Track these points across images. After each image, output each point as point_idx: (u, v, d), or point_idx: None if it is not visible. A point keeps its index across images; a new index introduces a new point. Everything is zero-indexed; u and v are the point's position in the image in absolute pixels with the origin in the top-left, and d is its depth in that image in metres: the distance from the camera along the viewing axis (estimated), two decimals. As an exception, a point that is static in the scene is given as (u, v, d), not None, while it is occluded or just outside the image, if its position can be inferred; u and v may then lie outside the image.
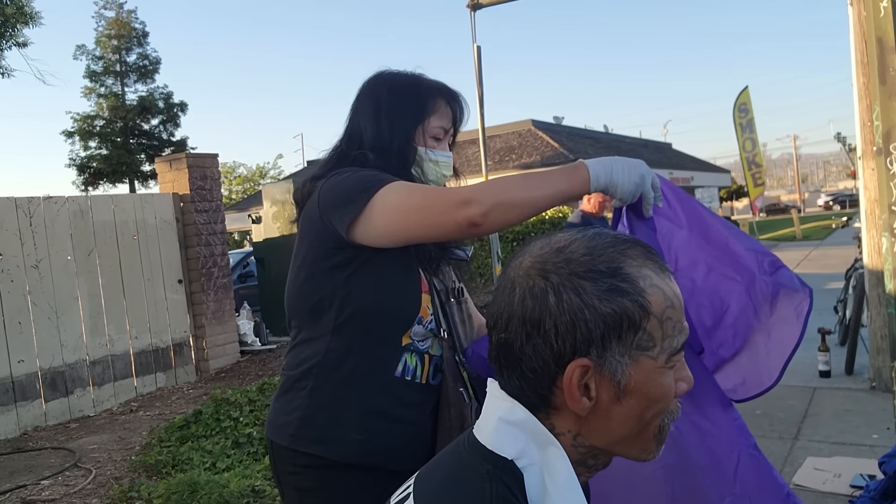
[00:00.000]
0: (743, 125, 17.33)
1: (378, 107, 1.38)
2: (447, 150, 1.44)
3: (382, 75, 1.43)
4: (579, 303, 0.72)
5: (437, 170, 1.41)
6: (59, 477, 3.77)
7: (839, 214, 33.91)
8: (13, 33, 10.76)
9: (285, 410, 1.33)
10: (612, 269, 0.73)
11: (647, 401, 0.73)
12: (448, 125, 1.42)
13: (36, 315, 5.00)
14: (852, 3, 4.40)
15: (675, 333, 0.74)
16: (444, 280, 1.42)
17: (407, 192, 1.24)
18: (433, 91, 1.41)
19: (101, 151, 23.06)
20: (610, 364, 0.72)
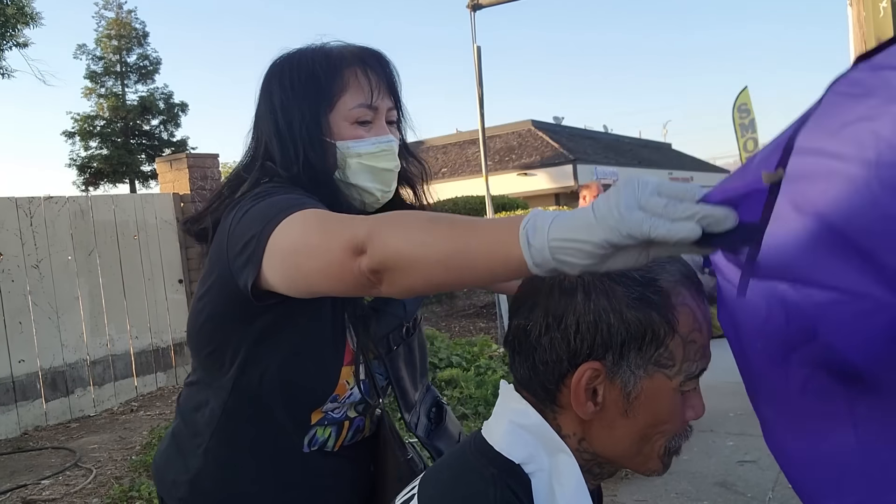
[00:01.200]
0: (745, 125, 17.31)
1: (273, 106, 1.05)
2: (385, 132, 1.06)
3: (274, 64, 1.09)
4: (607, 305, 0.70)
5: (369, 164, 1.04)
6: (59, 477, 3.77)
7: (839, 214, 33.86)
8: (13, 34, 10.77)
9: (175, 466, 1.11)
10: (646, 279, 0.71)
11: (653, 418, 0.72)
12: (374, 99, 1.04)
13: (36, 315, 5.00)
14: (852, 4, 4.40)
15: (696, 358, 0.72)
16: (386, 324, 1.09)
17: (304, 227, 0.85)
18: (335, 62, 1.04)
19: (101, 151, 23.08)
20: (623, 373, 0.71)
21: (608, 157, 25.91)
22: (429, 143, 28.25)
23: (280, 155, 1.04)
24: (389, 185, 1.07)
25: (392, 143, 1.06)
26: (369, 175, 1.05)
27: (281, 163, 1.03)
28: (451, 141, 27.35)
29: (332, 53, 1.05)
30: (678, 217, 0.54)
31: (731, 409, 4.32)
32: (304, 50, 1.07)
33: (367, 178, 1.05)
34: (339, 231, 0.79)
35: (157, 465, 1.17)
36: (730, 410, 4.30)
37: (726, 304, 0.76)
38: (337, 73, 1.03)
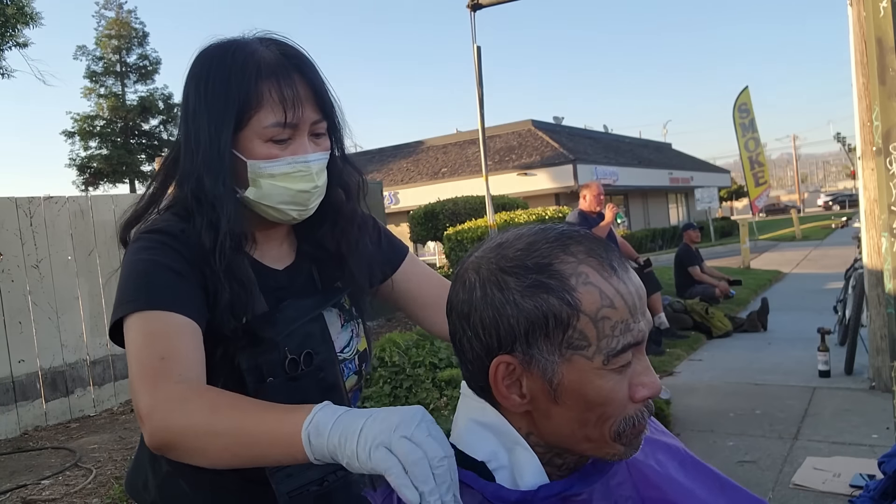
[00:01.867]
0: (745, 125, 17.33)
1: (186, 112, 0.99)
2: (306, 150, 0.99)
3: (199, 57, 1.01)
4: (501, 298, 0.71)
5: (282, 185, 0.98)
6: (59, 477, 3.77)
7: (839, 214, 33.90)
8: (13, 34, 10.78)
9: (143, 467, 1.12)
10: (539, 266, 0.70)
11: (585, 402, 0.70)
12: (290, 118, 0.96)
13: (36, 315, 5.00)
14: (852, 4, 4.40)
15: (615, 334, 0.69)
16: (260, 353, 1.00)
17: (127, 345, 0.90)
18: (250, 74, 0.96)
19: (101, 151, 23.12)
20: (539, 362, 0.70)
21: (608, 157, 25.90)
22: (429, 143, 28.24)
23: (182, 165, 1.01)
24: (307, 204, 1.02)
25: (309, 163, 0.99)
26: (284, 195, 0.99)
27: (181, 174, 1.01)
28: (451, 141, 27.35)
29: (249, 63, 0.96)
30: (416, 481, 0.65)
31: (731, 409, 4.32)
32: (226, 49, 0.99)
33: (281, 198, 1.00)
34: (139, 370, 0.86)
35: (128, 476, 1.17)
36: (730, 410, 4.30)
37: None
38: (251, 86, 0.95)
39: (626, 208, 27.44)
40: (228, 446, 0.78)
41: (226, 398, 0.83)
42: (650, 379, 0.72)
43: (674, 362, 5.66)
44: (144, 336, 0.89)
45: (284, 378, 1.00)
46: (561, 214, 11.27)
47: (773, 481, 3.21)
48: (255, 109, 0.96)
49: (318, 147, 1.02)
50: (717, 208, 31.84)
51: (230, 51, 0.98)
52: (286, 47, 1.01)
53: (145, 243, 0.97)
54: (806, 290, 9.55)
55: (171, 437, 0.81)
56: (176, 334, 0.89)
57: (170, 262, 0.94)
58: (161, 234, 0.98)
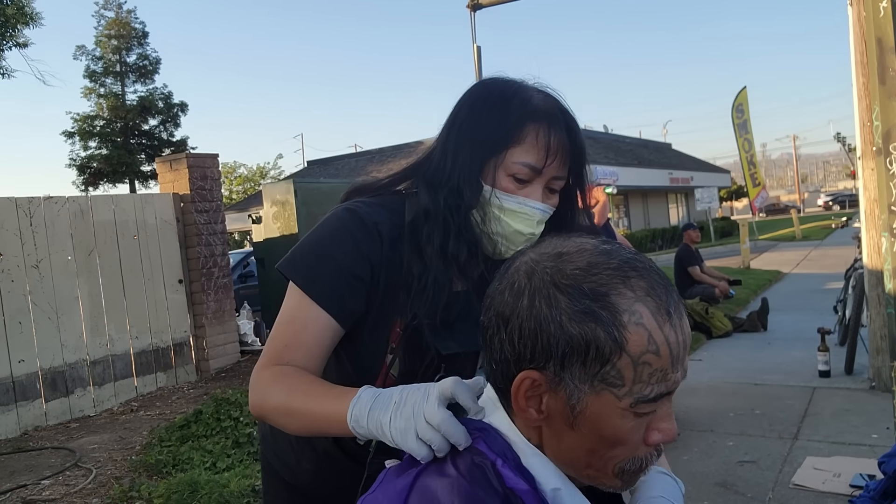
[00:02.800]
0: (740, 125, 17.35)
1: (451, 127, 1.08)
2: (538, 197, 1.04)
3: (480, 85, 1.10)
4: (547, 314, 0.68)
5: (504, 220, 1.04)
6: (59, 477, 3.77)
7: (839, 214, 33.91)
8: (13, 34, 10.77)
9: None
10: (596, 293, 0.68)
11: (599, 438, 0.69)
12: (539, 162, 1.02)
13: (36, 315, 5.00)
14: (852, 4, 4.40)
15: (650, 381, 0.67)
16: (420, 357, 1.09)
17: (283, 304, 1.07)
18: (525, 112, 1.02)
19: (101, 151, 23.09)
20: (567, 386, 0.69)
21: (608, 157, 25.89)
22: (429, 143, 28.20)
23: (435, 169, 1.08)
24: (516, 245, 1.06)
25: (537, 211, 1.04)
26: (502, 229, 1.05)
27: (432, 175, 1.08)
28: (451, 141, 27.30)
29: (526, 103, 1.03)
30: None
31: (731, 409, 4.32)
32: (507, 85, 1.06)
33: (498, 230, 1.06)
34: (274, 335, 1.05)
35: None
36: (730, 410, 4.30)
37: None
38: (520, 122, 1.02)
39: (627, 208, 27.44)
40: (301, 424, 0.97)
41: (300, 383, 0.98)
42: (668, 426, 0.71)
43: (674, 362, 5.65)
44: (290, 317, 1.05)
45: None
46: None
47: (773, 481, 3.20)
48: (515, 144, 1.02)
49: (548, 200, 1.07)
50: (717, 208, 31.84)
51: (511, 87, 1.06)
52: (558, 101, 1.06)
53: (339, 223, 1.07)
54: (806, 290, 9.55)
55: (259, 413, 1.02)
56: (311, 329, 1.04)
57: (344, 255, 1.05)
58: (355, 218, 1.07)
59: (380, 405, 0.85)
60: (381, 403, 0.85)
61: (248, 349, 6.89)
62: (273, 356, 1.03)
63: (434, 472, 0.74)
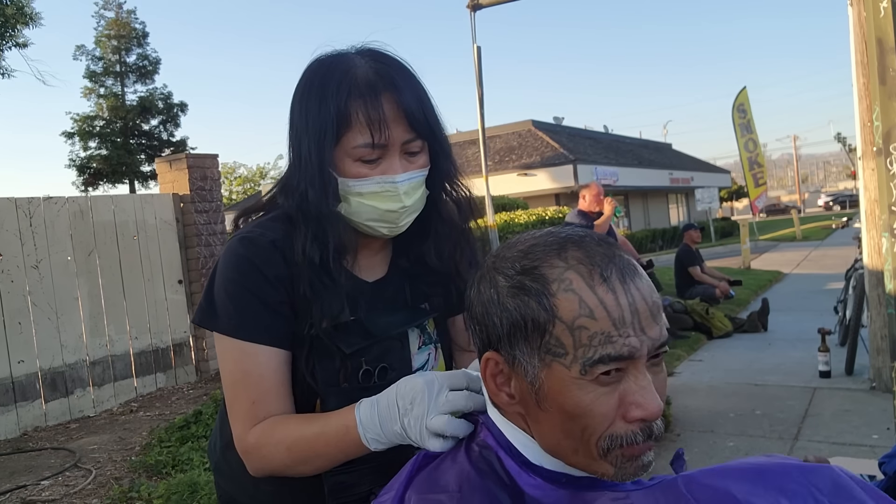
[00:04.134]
0: (742, 126, 17.33)
1: (292, 128, 1.03)
2: (396, 169, 0.99)
3: (305, 70, 1.04)
4: (489, 296, 0.73)
5: (370, 204, 1.01)
6: (59, 477, 3.76)
7: (839, 215, 33.90)
8: (13, 34, 10.77)
9: (217, 431, 1.23)
10: (527, 268, 0.71)
11: (565, 413, 0.69)
12: (378, 139, 0.97)
13: (36, 315, 5.00)
14: (852, 4, 4.40)
15: (592, 344, 0.67)
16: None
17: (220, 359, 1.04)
18: (343, 93, 0.97)
19: (100, 152, 23.09)
20: (521, 364, 0.71)
21: (608, 157, 25.90)
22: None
23: (288, 174, 1.05)
24: (396, 222, 1.03)
25: (397, 184, 0.99)
26: (372, 213, 1.02)
27: (286, 181, 1.06)
28: (452, 141, 27.00)
29: (343, 81, 0.97)
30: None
31: (731, 410, 4.31)
32: (326, 65, 1.01)
33: (369, 216, 1.02)
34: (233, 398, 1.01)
35: (210, 437, 1.29)
36: (730, 411, 4.30)
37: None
38: (342, 106, 0.97)
39: (627, 208, 27.43)
40: (315, 467, 0.98)
41: (292, 432, 0.97)
42: (646, 399, 0.68)
43: (674, 363, 5.66)
44: (241, 372, 1.01)
45: (357, 387, 1.03)
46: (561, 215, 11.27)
47: (774, 482, 3.20)
48: (346, 129, 0.97)
49: (412, 165, 1.02)
50: (718, 209, 31.83)
51: (329, 66, 1.00)
52: (382, 64, 1.00)
53: (239, 259, 1.03)
54: (806, 291, 9.54)
55: (271, 473, 1.00)
56: (267, 375, 1.01)
57: (257, 289, 1.01)
58: (250, 245, 1.03)
59: (386, 416, 0.89)
60: (386, 414, 0.89)
61: (247, 349, 6.89)
62: (248, 417, 1.00)
63: (445, 459, 0.79)
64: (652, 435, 0.70)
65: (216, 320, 1.03)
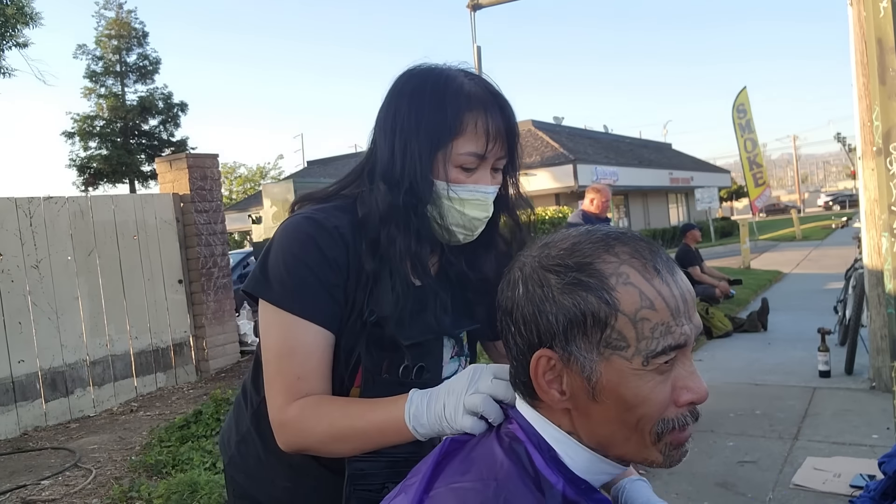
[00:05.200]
0: (742, 126, 17.34)
1: (394, 124, 1.07)
2: (487, 181, 1.06)
3: (409, 76, 1.09)
4: (541, 294, 0.72)
5: (461, 211, 1.06)
6: (59, 477, 3.77)
7: (839, 214, 33.90)
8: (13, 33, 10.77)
9: (231, 424, 1.25)
10: (580, 264, 0.71)
11: (623, 403, 0.70)
12: (482, 149, 1.03)
13: (36, 315, 5.00)
14: (852, 4, 4.40)
15: (654, 336, 0.69)
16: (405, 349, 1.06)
17: (265, 331, 1.05)
18: (460, 103, 1.03)
19: (101, 152, 23.07)
20: (577, 359, 0.71)
21: (608, 157, 25.89)
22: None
23: (386, 172, 1.07)
24: (474, 230, 1.09)
25: (488, 195, 1.06)
26: (458, 219, 1.07)
27: (383, 174, 1.07)
28: (451, 141, 27.27)
29: (460, 92, 1.04)
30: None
31: (732, 410, 4.32)
32: (437, 75, 1.06)
33: (454, 220, 1.07)
34: (276, 372, 1.02)
35: (221, 430, 1.28)
36: (730, 411, 4.30)
37: None
38: (459, 114, 1.02)
39: (627, 208, 27.44)
40: (352, 447, 0.98)
41: (337, 409, 0.99)
42: (696, 384, 0.72)
43: (674, 362, 5.65)
44: (288, 347, 1.02)
45: (395, 380, 1.06)
46: (561, 214, 11.27)
47: (774, 481, 3.20)
48: (457, 136, 1.03)
49: (495, 181, 1.08)
50: (718, 208, 31.83)
51: (441, 77, 1.06)
52: (486, 84, 1.07)
53: (303, 235, 1.04)
54: (806, 291, 9.54)
55: (302, 448, 1.01)
56: (314, 353, 1.02)
57: (316, 266, 1.03)
58: (316, 225, 1.05)
59: (433, 400, 0.91)
60: (434, 399, 0.91)
61: (248, 349, 6.89)
62: (291, 391, 1.01)
63: (476, 448, 0.80)
64: (697, 417, 0.74)
65: (270, 290, 1.03)
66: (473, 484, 0.73)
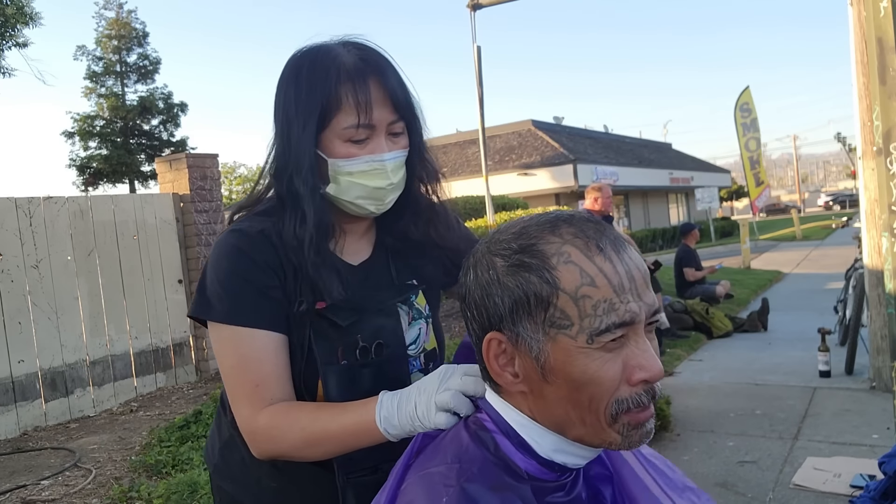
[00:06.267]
0: (746, 125, 17.33)
1: (278, 112, 1.08)
2: (383, 149, 1.05)
3: (291, 60, 1.08)
4: (488, 278, 0.74)
5: (360, 182, 1.05)
6: (59, 477, 3.77)
7: (839, 214, 33.90)
8: (13, 33, 10.77)
9: (213, 433, 1.24)
10: (524, 246, 0.72)
11: (571, 382, 0.70)
12: (363, 119, 1.02)
13: (36, 315, 5.00)
14: (852, 4, 4.40)
15: (597, 313, 0.69)
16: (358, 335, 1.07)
17: (217, 350, 1.05)
18: (332, 77, 1.02)
19: (101, 152, 23.06)
20: (525, 340, 0.72)
21: (608, 157, 25.89)
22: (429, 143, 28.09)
23: (276, 158, 1.08)
24: (383, 199, 1.08)
25: (384, 162, 1.05)
26: (361, 191, 1.06)
27: (275, 165, 1.08)
28: (451, 141, 27.33)
29: (331, 68, 1.03)
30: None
31: (732, 410, 4.31)
32: (312, 54, 1.06)
33: (358, 194, 1.06)
34: (235, 378, 1.02)
35: (206, 442, 1.29)
36: (730, 411, 4.30)
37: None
38: (331, 90, 1.02)
39: (627, 208, 27.44)
40: (325, 451, 0.99)
41: (308, 414, 0.99)
42: (648, 361, 0.70)
43: (674, 362, 5.66)
44: (239, 358, 1.03)
45: (355, 363, 1.07)
46: (561, 214, 11.26)
47: (774, 481, 3.20)
48: (336, 112, 1.02)
49: (396, 146, 1.08)
50: (718, 208, 31.83)
51: (315, 55, 1.05)
52: (366, 52, 1.06)
53: (230, 248, 1.06)
54: (806, 291, 9.54)
55: (275, 455, 1.01)
56: (266, 358, 1.02)
57: (248, 274, 1.04)
58: (241, 236, 1.06)
59: (405, 401, 0.92)
60: (405, 399, 0.92)
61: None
62: (254, 400, 1.02)
63: (444, 437, 0.82)
64: (655, 396, 0.73)
65: (211, 310, 1.04)
66: (438, 468, 0.75)
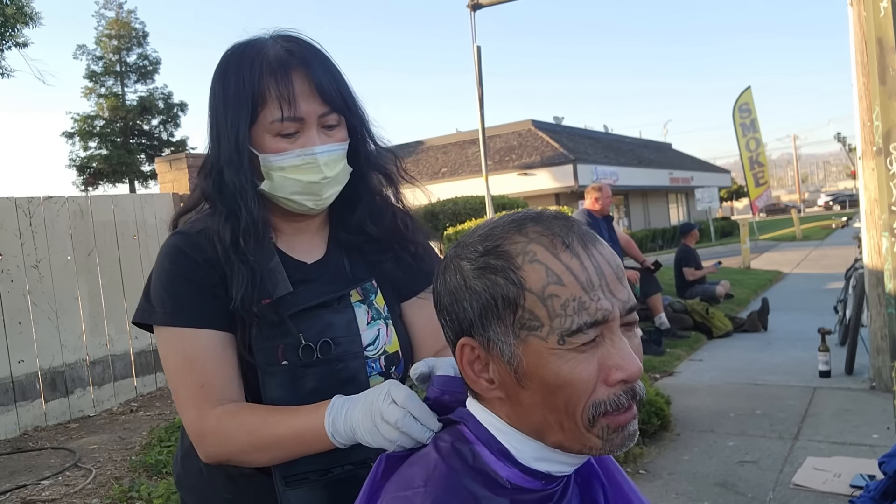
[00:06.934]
0: (746, 125, 17.32)
1: (210, 112, 1.06)
2: (314, 142, 1.01)
3: (221, 58, 1.06)
4: (456, 283, 0.72)
5: (293, 177, 1.02)
6: (59, 477, 3.76)
7: (839, 214, 33.91)
8: (13, 33, 10.76)
9: (179, 440, 1.22)
10: (489, 248, 0.70)
11: (545, 386, 0.67)
12: (287, 113, 0.99)
13: (36, 315, 5.00)
14: (852, 4, 4.40)
15: (567, 312, 0.66)
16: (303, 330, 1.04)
17: (162, 354, 1.04)
18: (256, 71, 1.00)
19: (101, 152, 23.09)
20: (496, 344, 0.69)
21: (608, 157, 25.88)
22: (429, 143, 28.24)
23: (212, 160, 1.07)
24: (320, 194, 1.04)
25: (316, 156, 1.01)
26: (295, 187, 1.03)
27: (208, 165, 1.08)
28: (451, 141, 27.33)
29: (255, 62, 1.00)
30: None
31: (732, 410, 4.31)
32: (240, 49, 1.04)
33: (293, 189, 1.03)
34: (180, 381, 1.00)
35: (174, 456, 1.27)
36: (730, 410, 4.30)
37: None
38: (256, 85, 0.99)
39: (627, 208, 27.44)
40: (273, 456, 0.96)
41: (257, 417, 0.97)
42: (625, 360, 0.67)
43: (674, 362, 5.65)
44: (183, 359, 1.01)
45: (298, 364, 1.02)
46: (561, 214, 11.24)
47: (774, 481, 3.20)
48: (262, 106, 1.00)
49: (330, 139, 1.04)
50: (718, 208, 31.83)
51: (243, 50, 1.03)
52: (294, 44, 1.03)
53: (170, 249, 1.06)
54: (806, 290, 9.54)
55: (222, 459, 0.99)
56: (210, 357, 1.00)
57: (189, 273, 1.03)
58: (182, 236, 1.06)
59: (351, 408, 0.89)
60: (352, 407, 0.90)
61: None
62: (200, 401, 0.99)
63: (415, 456, 0.78)
64: (636, 396, 0.69)
65: (154, 314, 1.03)
66: (404, 493, 0.71)
